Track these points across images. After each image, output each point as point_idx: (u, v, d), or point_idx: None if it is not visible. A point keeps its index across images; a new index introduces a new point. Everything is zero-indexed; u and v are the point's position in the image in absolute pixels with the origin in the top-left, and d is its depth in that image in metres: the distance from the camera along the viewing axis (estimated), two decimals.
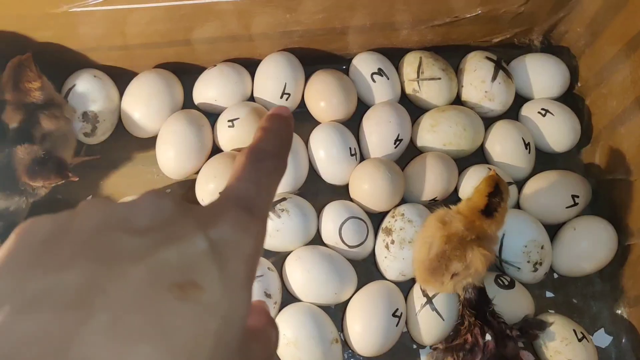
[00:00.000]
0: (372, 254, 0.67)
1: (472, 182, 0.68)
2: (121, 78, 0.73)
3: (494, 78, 0.72)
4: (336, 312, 0.65)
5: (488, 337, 0.58)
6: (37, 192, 0.65)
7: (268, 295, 0.62)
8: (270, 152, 0.26)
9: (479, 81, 0.72)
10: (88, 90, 0.70)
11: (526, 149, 0.69)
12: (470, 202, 0.57)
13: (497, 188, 0.56)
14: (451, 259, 0.55)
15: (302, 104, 0.74)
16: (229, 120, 0.69)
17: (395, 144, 0.69)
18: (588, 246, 0.65)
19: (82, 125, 0.70)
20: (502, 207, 0.56)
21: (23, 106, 0.64)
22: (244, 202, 0.23)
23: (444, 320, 0.61)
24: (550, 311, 0.66)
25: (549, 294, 0.67)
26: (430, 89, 0.72)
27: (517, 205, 0.69)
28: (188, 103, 0.74)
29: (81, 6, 0.62)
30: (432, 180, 0.67)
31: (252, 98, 0.74)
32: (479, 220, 0.56)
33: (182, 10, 0.66)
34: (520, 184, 0.70)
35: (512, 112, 0.74)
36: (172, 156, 0.69)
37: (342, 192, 0.70)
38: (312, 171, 0.71)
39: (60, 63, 0.70)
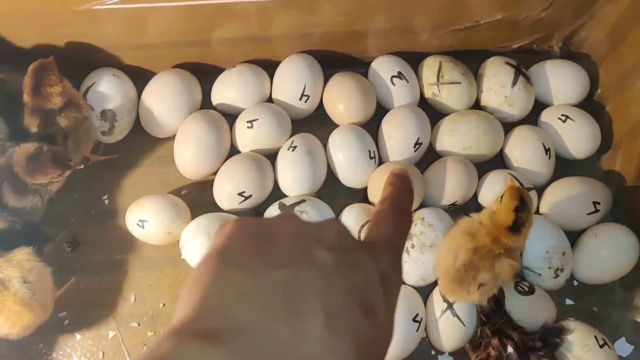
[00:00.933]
0: None
1: (491, 187, 0.67)
2: (140, 77, 0.73)
3: (514, 83, 0.71)
4: None
5: (510, 349, 0.57)
6: (49, 188, 0.65)
7: None
8: (407, 208, 0.31)
9: (499, 86, 0.72)
10: (107, 89, 0.70)
11: (546, 154, 0.69)
12: (496, 217, 0.54)
13: (523, 201, 0.54)
14: (479, 270, 0.54)
15: (321, 106, 0.74)
16: (248, 121, 0.69)
17: (415, 147, 0.69)
18: (610, 254, 0.64)
19: (101, 123, 0.70)
20: (529, 220, 0.54)
21: (40, 111, 0.63)
22: (394, 246, 0.28)
23: (465, 325, 0.61)
24: (570, 318, 0.65)
25: (568, 302, 0.67)
26: (450, 93, 0.72)
27: (537, 211, 0.68)
28: (206, 103, 0.74)
29: (103, 4, 0.62)
30: (452, 184, 0.67)
31: (270, 99, 0.74)
32: (505, 237, 0.54)
33: (203, 10, 0.66)
34: (540, 189, 0.69)
35: (531, 118, 0.73)
36: (189, 156, 0.68)
37: (359, 195, 0.70)
38: (330, 174, 0.70)
39: (81, 60, 0.70)
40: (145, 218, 0.64)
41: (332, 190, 0.70)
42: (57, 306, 0.64)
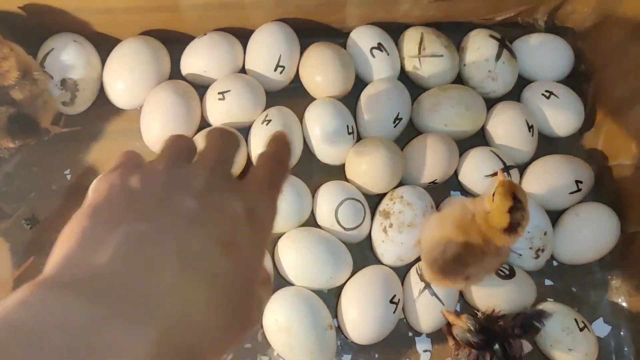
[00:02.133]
0: (368, 237, 0.64)
1: (473, 165, 0.65)
2: (104, 44, 0.68)
3: (498, 57, 0.69)
4: (329, 298, 0.62)
5: (496, 346, 0.55)
6: (6, 157, 0.61)
7: None
8: (285, 159, 0.34)
9: (483, 60, 0.69)
10: (68, 56, 0.65)
11: (529, 131, 0.66)
12: (490, 219, 0.50)
13: (516, 199, 0.49)
14: (468, 264, 0.52)
15: (297, 79, 0.70)
16: (219, 93, 0.65)
17: (394, 123, 0.66)
18: (591, 234, 0.63)
19: (61, 93, 0.65)
20: (525, 218, 0.50)
21: None
22: (267, 184, 0.31)
23: (443, 304, 0.59)
24: (549, 299, 0.64)
25: (548, 282, 0.65)
26: (432, 67, 0.69)
27: None
28: (175, 74, 0.70)
29: None
30: (432, 161, 0.64)
31: (243, 70, 0.70)
32: (500, 239, 0.51)
33: None
34: (522, 167, 0.67)
35: (514, 94, 0.71)
36: (157, 129, 0.64)
37: (337, 172, 0.67)
38: (307, 150, 0.67)
39: (37, 25, 0.65)
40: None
41: (309, 167, 0.67)
42: (16, 286, 0.60)
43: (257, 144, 0.64)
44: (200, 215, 0.26)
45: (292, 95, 0.70)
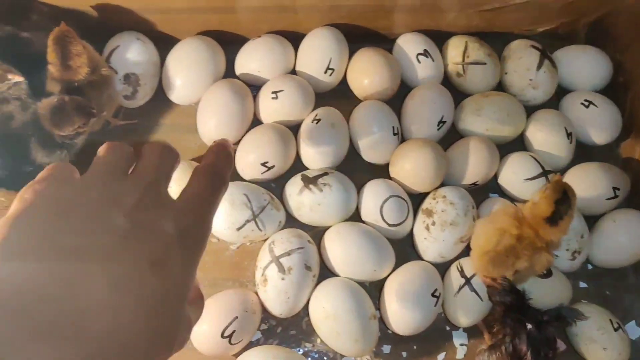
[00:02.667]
0: (408, 234, 0.67)
1: (512, 169, 0.68)
2: (164, 43, 0.72)
3: (539, 66, 0.71)
4: (370, 290, 0.65)
5: (529, 325, 0.58)
6: (75, 141, 0.64)
7: (308, 268, 0.61)
8: (222, 171, 0.34)
9: (524, 69, 0.72)
10: (131, 53, 0.69)
11: (568, 139, 0.69)
12: (536, 208, 0.55)
13: (565, 195, 0.54)
14: (519, 257, 0.55)
15: (344, 81, 0.73)
16: (273, 92, 0.68)
17: (438, 125, 0.69)
18: (627, 239, 0.65)
19: (124, 87, 0.69)
20: (569, 214, 0.55)
21: (65, 80, 0.62)
22: (201, 202, 0.31)
23: (482, 300, 0.62)
24: (583, 301, 0.66)
25: (582, 285, 0.68)
26: (475, 74, 0.72)
27: None
28: (228, 73, 0.73)
29: None
30: (474, 164, 0.67)
31: (293, 71, 0.73)
32: (543, 229, 0.55)
33: None
34: (560, 173, 0.69)
35: (554, 102, 0.74)
36: (213, 125, 0.68)
37: (380, 170, 0.70)
38: (352, 149, 0.70)
39: (104, 23, 0.69)
40: (170, 184, 0.64)
41: (353, 166, 0.70)
42: None
43: (306, 141, 0.67)
44: (130, 233, 0.26)
45: (339, 97, 0.73)
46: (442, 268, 0.66)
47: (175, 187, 0.63)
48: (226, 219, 0.63)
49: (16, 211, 0.26)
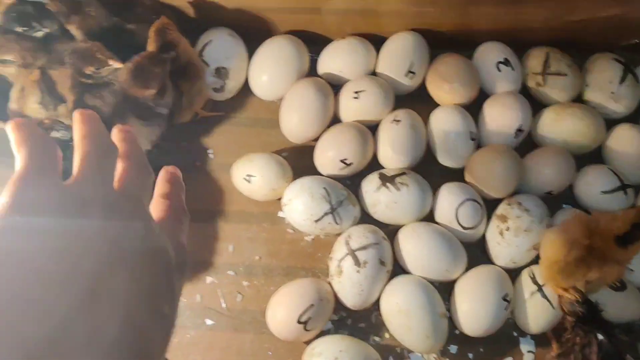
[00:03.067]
0: (480, 238, 0.68)
1: (589, 180, 0.68)
2: (251, 39, 0.76)
3: (622, 80, 0.71)
4: (441, 290, 0.66)
5: (600, 336, 0.58)
6: (164, 110, 0.67)
7: (382, 263, 0.63)
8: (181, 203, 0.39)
9: (606, 82, 0.72)
10: (223, 48, 0.73)
11: None
12: (613, 223, 0.55)
13: None
14: (590, 268, 0.55)
15: (423, 84, 0.75)
16: (355, 92, 0.71)
17: (516, 133, 0.70)
18: None
19: (214, 80, 0.73)
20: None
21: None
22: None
23: (554, 308, 0.62)
24: None
25: None
26: (555, 84, 0.72)
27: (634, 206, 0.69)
28: (311, 71, 0.76)
29: None
30: (549, 173, 0.68)
31: (373, 73, 0.75)
32: (610, 245, 0.55)
33: None
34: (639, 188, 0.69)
35: (636, 116, 0.73)
36: (296, 121, 0.71)
37: (454, 174, 0.71)
38: (429, 151, 0.72)
39: (198, 19, 0.74)
40: (253, 173, 0.67)
41: (428, 167, 0.71)
42: None
43: (385, 141, 0.69)
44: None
45: (417, 100, 0.75)
46: (513, 274, 0.66)
47: (259, 177, 0.67)
48: (305, 211, 0.65)
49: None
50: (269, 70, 0.73)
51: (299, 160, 0.73)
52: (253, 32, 0.76)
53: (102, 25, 0.68)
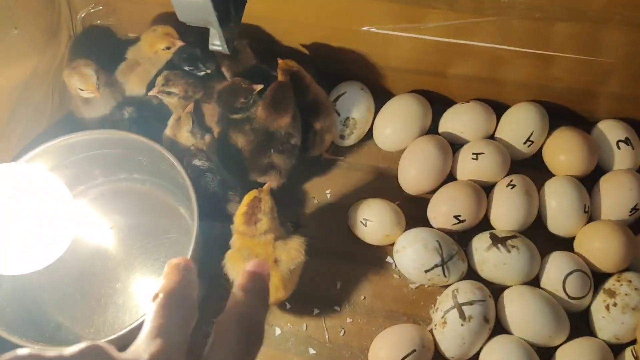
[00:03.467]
0: (585, 311, 0.69)
1: None
2: (380, 95, 0.82)
3: None
4: (541, 354, 0.67)
5: None
6: (295, 144, 0.75)
7: (486, 320, 0.66)
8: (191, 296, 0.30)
9: None
10: (354, 100, 0.80)
11: None
12: None
13: None
14: None
15: (538, 153, 0.78)
16: (473, 154, 0.75)
17: (631, 212, 0.71)
18: None
19: (341, 128, 0.79)
20: None
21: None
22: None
23: None
24: None
25: None
26: None
27: None
28: (432, 129, 0.81)
29: (379, 28, 0.72)
30: None
31: (492, 137, 0.79)
32: None
33: (448, 46, 0.73)
34: None
35: None
36: (414, 173, 0.76)
37: (563, 243, 0.73)
38: (539, 219, 0.74)
39: (336, 70, 0.81)
40: (370, 218, 0.72)
41: (537, 234, 0.73)
42: None
43: (499, 203, 0.72)
44: None
45: (531, 167, 0.78)
46: (615, 350, 0.67)
47: (375, 222, 0.71)
48: (417, 260, 0.69)
49: None
50: (394, 123, 0.79)
51: (411, 211, 0.77)
52: (382, 89, 0.83)
53: (249, 68, 0.77)
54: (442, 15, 0.70)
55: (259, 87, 0.73)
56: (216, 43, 0.52)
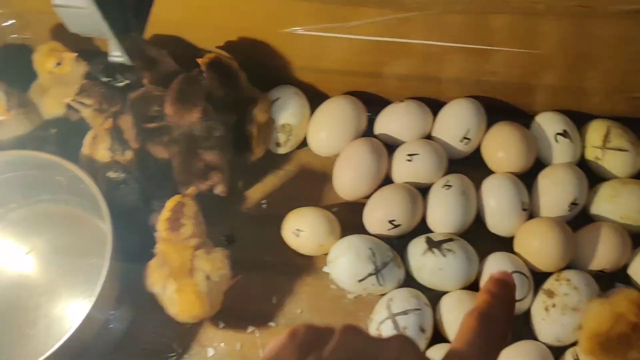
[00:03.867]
0: (525, 312, 0.67)
1: None
2: (313, 98, 0.79)
3: None
4: None
5: None
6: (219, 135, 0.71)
7: (422, 330, 0.63)
8: (502, 319, 0.28)
9: None
10: (289, 105, 0.77)
11: None
12: None
13: None
14: (632, 347, 0.53)
15: (477, 150, 0.75)
16: (408, 155, 0.72)
17: (570, 207, 0.69)
18: None
19: (278, 135, 0.76)
20: None
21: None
22: None
23: None
24: None
25: None
26: (615, 159, 0.71)
27: None
28: (368, 131, 0.78)
29: (307, 30, 0.69)
30: (603, 251, 0.66)
31: (429, 136, 0.76)
32: None
33: (383, 45, 0.71)
34: None
35: None
36: (348, 178, 0.73)
37: (503, 242, 0.70)
38: (479, 218, 0.72)
39: (267, 75, 0.77)
40: (302, 228, 0.69)
41: (477, 234, 0.71)
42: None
43: (435, 205, 0.70)
44: None
45: (470, 165, 0.75)
46: (557, 352, 0.64)
47: (308, 232, 0.69)
48: (350, 270, 0.66)
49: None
50: (327, 127, 0.76)
51: (348, 217, 0.74)
52: (317, 92, 0.80)
53: (171, 77, 0.73)
54: (370, 13, 0.67)
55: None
56: (115, 54, 0.48)
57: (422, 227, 0.72)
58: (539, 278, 0.67)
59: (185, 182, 0.70)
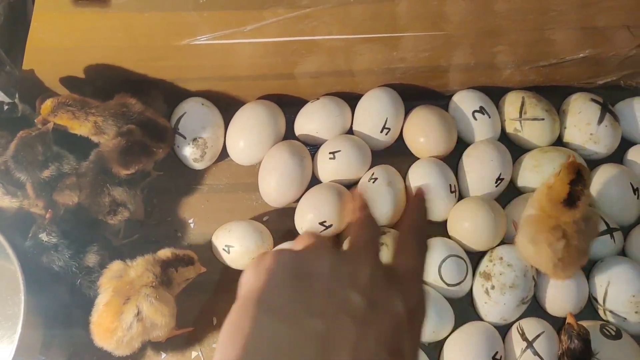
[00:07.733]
0: (469, 292, 0.67)
1: None
2: (228, 107, 0.76)
3: (600, 121, 0.70)
4: (430, 350, 0.64)
5: None
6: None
7: None
8: (424, 229, 0.34)
9: (584, 123, 0.71)
10: (198, 118, 0.73)
11: (635, 194, 0.67)
12: (552, 192, 0.56)
13: (579, 175, 0.55)
14: (575, 239, 0.57)
15: (400, 138, 0.75)
16: (330, 153, 0.71)
17: (496, 182, 0.69)
18: None
19: (192, 151, 0.73)
20: (586, 195, 0.55)
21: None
22: (419, 277, 0.30)
23: None
24: None
25: None
26: (533, 129, 0.71)
27: (623, 252, 0.67)
28: (288, 133, 0.76)
29: (200, 40, 0.66)
30: None
31: (350, 131, 0.75)
32: (561, 213, 0.56)
33: (290, 45, 0.69)
34: (627, 230, 0.67)
35: (617, 156, 0.72)
36: (273, 185, 0.71)
37: (437, 228, 0.70)
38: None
39: (175, 91, 0.74)
40: (232, 244, 0.67)
41: None
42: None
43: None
44: (367, 315, 0.25)
45: (395, 154, 0.74)
46: (504, 329, 0.65)
47: (238, 247, 0.66)
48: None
49: (259, 285, 0.26)
50: (245, 135, 0.73)
51: (281, 224, 0.72)
52: (230, 101, 0.77)
53: None
54: (265, 15, 0.65)
55: (50, 125, 0.64)
56: None
57: None
58: (477, 258, 0.67)
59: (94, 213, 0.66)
